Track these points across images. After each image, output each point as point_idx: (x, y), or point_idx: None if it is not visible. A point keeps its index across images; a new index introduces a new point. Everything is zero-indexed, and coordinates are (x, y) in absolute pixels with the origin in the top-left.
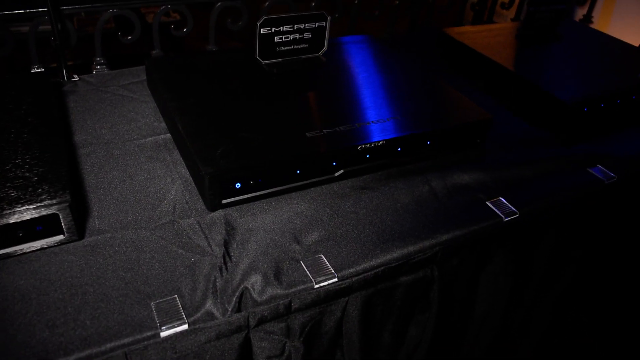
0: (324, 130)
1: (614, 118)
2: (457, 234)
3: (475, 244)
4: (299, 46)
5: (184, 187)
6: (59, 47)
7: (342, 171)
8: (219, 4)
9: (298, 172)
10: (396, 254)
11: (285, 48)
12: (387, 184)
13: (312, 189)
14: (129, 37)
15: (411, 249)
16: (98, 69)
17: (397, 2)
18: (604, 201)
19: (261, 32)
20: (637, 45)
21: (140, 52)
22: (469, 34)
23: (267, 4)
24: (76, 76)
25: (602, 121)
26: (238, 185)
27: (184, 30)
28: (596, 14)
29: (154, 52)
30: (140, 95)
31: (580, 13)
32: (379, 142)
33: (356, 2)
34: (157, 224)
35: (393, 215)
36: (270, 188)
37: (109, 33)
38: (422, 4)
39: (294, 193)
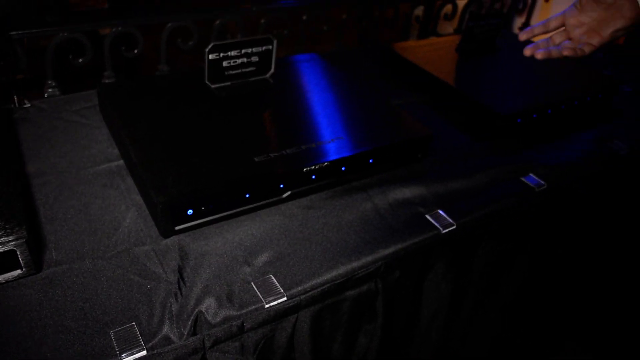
0: (271, 154)
1: (546, 127)
2: (398, 248)
3: (416, 255)
4: (247, 69)
5: (138, 214)
6: (8, 75)
7: (289, 192)
8: (170, 24)
9: (247, 195)
10: (341, 270)
11: (234, 72)
12: (332, 202)
13: (262, 210)
14: (80, 60)
15: (355, 264)
16: (50, 92)
17: (344, 16)
18: (537, 207)
19: (210, 57)
20: None
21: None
22: (412, 48)
23: (263, 20)
24: (27, 102)
25: (535, 131)
26: (190, 211)
27: (135, 51)
28: (534, 21)
29: (106, 73)
30: (93, 121)
31: (519, 21)
32: (323, 163)
33: (304, 17)
34: (113, 252)
35: (338, 233)
36: (221, 212)
37: (63, 47)
38: (369, 18)
39: (244, 216)
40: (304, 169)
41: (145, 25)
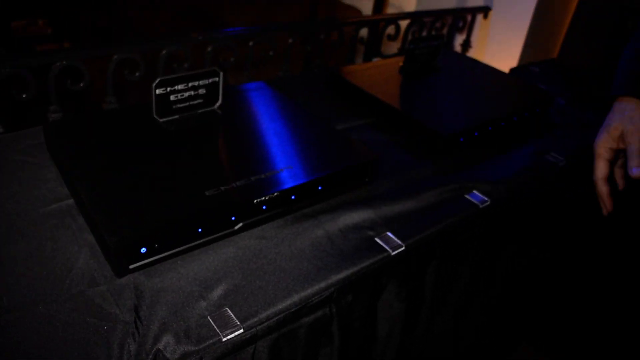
0: (222, 188)
1: (488, 144)
2: (350, 272)
3: (368, 278)
4: (195, 102)
5: (91, 254)
6: None
7: (241, 224)
8: (116, 56)
9: (200, 230)
10: (295, 298)
11: (181, 105)
12: (284, 231)
13: (215, 243)
14: (24, 95)
15: (309, 292)
16: None
17: (290, 41)
18: (483, 222)
19: (157, 92)
20: (508, 69)
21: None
22: (357, 72)
23: (209, 49)
24: None
25: (477, 148)
26: (143, 249)
27: (81, 84)
28: (474, 39)
29: (52, 107)
30: (41, 159)
31: (460, 39)
32: (273, 194)
33: (250, 44)
34: (67, 295)
35: (291, 262)
36: (175, 248)
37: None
38: (314, 41)
39: (198, 250)
40: (255, 201)
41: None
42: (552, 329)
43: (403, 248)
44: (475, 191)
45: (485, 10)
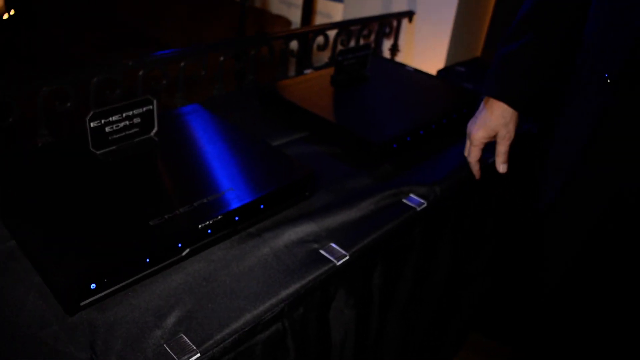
0: (166, 216)
1: (421, 148)
2: (298, 286)
3: (316, 290)
4: (131, 131)
5: (39, 294)
6: None
7: (188, 250)
8: (45, 88)
9: (148, 260)
10: (248, 317)
11: (117, 136)
12: (231, 252)
13: (164, 271)
14: None
15: (261, 309)
16: None
17: (222, 58)
18: (421, 224)
19: (91, 125)
20: (435, 70)
21: None
22: (289, 87)
23: (141, 72)
24: None
25: (411, 153)
26: (93, 285)
27: (10, 119)
28: (401, 42)
29: None
30: None
31: (388, 44)
32: (217, 217)
33: (182, 65)
34: (19, 338)
35: (241, 282)
36: (125, 281)
37: None
38: (245, 58)
39: (148, 279)
40: (199, 226)
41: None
42: (498, 315)
43: (347, 257)
44: (412, 195)
45: (410, 15)
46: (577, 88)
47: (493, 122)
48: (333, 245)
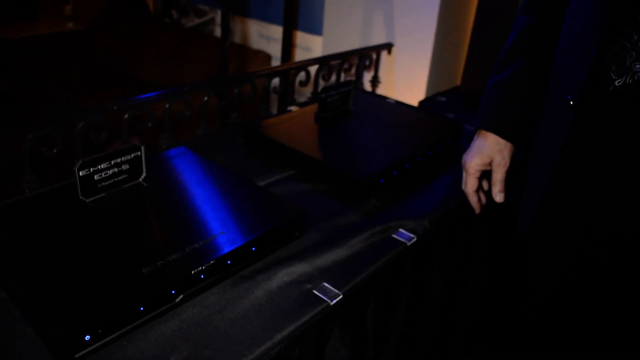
0: (158, 263)
1: (408, 181)
2: (293, 328)
3: (311, 330)
4: (119, 178)
5: (32, 347)
6: None
7: (181, 297)
8: (30, 135)
9: (142, 309)
10: None
11: (106, 183)
12: (224, 297)
13: (159, 318)
14: None
15: (256, 354)
16: None
17: (206, 98)
18: (412, 258)
19: (80, 174)
20: (417, 100)
21: None
22: (273, 125)
23: (126, 116)
24: None
25: (399, 187)
26: (87, 337)
27: None
28: (382, 74)
29: None
30: None
31: (369, 75)
32: (210, 262)
33: (167, 106)
34: None
35: (235, 326)
36: (119, 331)
37: None
38: (228, 97)
39: (143, 327)
40: (192, 272)
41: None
42: (490, 339)
43: (341, 296)
44: (401, 229)
45: (389, 47)
46: (548, 110)
47: (487, 149)
48: (326, 284)
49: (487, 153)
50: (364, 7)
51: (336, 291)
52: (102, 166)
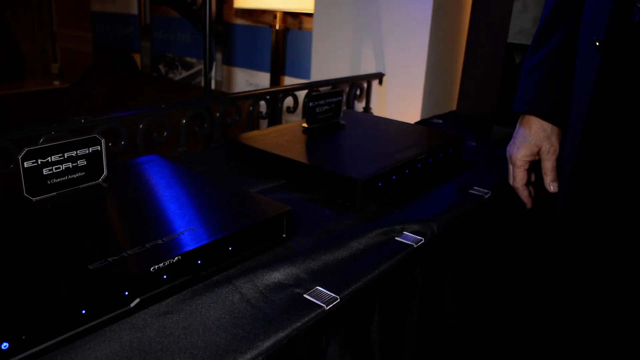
0: (109, 259)
1: (408, 188)
2: (280, 336)
3: (303, 341)
4: (74, 175)
5: None
6: None
7: (138, 300)
8: None
9: (83, 312)
10: None
11: (58, 180)
12: (193, 302)
13: (107, 327)
14: None
15: None
16: None
17: (184, 121)
18: (420, 263)
19: (25, 165)
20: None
21: None
22: (259, 137)
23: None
24: None
25: (400, 193)
26: (5, 345)
27: None
28: (373, 104)
29: None
30: None
31: (360, 106)
32: (174, 258)
33: (140, 126)
34: None
35: (205, 335)
36: (52, 339)
37: None
38: (210, 119)
39: (86, 337)
40: (152, 268)
41: None
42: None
43: (338, 300)
44: (406, 232)
45: (380, 77)
46: (578, 69)
47: (533, 137)
48: (320, 288)
49: (534, 142)
50: (351, 47)
51: (332, 295)
52: (53, 158)
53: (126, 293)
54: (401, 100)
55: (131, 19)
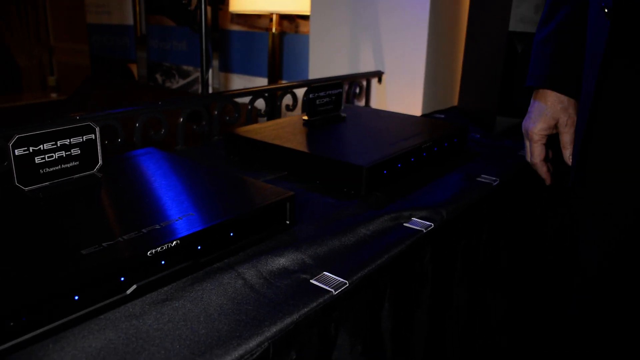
0: (104, 244)
1: (417, 178)
2: (287, 322)
3: (311, 328)
4: (68, 164)
5: None
6: None
7: (134, 287)
8: None
9: (76, 298)
10: None
11: (51, 169)
12: (193, 289)
13: (103, 315)
14: None
15: (235, 354)
16: None
17: (181, 120)
18: (431, 249)
19: (16, 153)
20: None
21: None
22: (258, 130)
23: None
24: None
25: (407, 183)
26: None
27: None
28: (373, 103)
29: None
30: None
31: (360, 105)
32: (172, 242)
33: (137, 124)
34: None
35: (206, 322)
36: (42, 327)
37: None
38: (209, 117)
39: (81, 325)
40: (149, 253)
41: None
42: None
43: (347, 285)
44: (414, 218)
45: (379, 75)
46: (588, 40)
47: (550, 110)
48: (327, 274)
49: (551, 114)
50: (349, 47)
51: (341, 280)
52: (45, 146)
53: (122, 279)
54: (402, 98)
55: (127, 29)
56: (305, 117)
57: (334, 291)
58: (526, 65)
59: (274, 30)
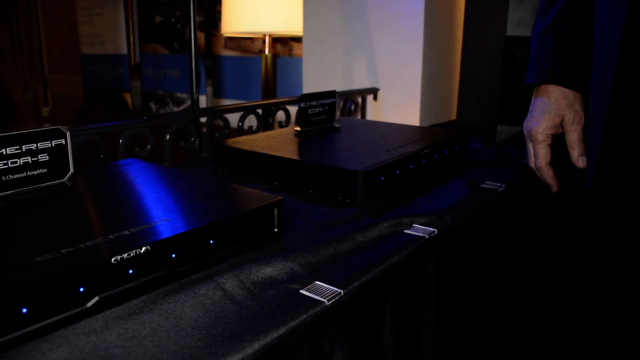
0: (63, 251)
1: (416, 187)
2: (271, 336)
3: (300, 343)
4: (35, 172)
5: None
6: None
7: (96, 299)
8: None
9: (24, 310)
10: None
11: (15, 176)
12: (165, 301)
13: (57, 332)
14: None
15: None
16: None
17: (168, 137)
18: (434, 257)
19: None
20: None
21: None
22: (247, 141)
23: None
24: None
25: (404, 190)
26: None
27: None
28: (369, 118)
29: None
30: None
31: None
32: (140, 248)
33: (120, 142)
34: None
35: (177, 338)
36: None
37: None
38: (197, 133)
39: (29, 343)
40: (113, 260)
41: None
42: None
43: (342, 295)
44: (415, 225)
45: (374, 92)
46: (599, 22)
47: (554, 105)
48: (320, 283)
49: (556, 111)
50: (343, 65)
51: (335, 289)
52: (8, 151)
53: (81, 289)
54: (398, 114)
55: (121, 58)
56: (298, 128)
57: (326, 302)
58: (526, 68)
59: (266, 52)
